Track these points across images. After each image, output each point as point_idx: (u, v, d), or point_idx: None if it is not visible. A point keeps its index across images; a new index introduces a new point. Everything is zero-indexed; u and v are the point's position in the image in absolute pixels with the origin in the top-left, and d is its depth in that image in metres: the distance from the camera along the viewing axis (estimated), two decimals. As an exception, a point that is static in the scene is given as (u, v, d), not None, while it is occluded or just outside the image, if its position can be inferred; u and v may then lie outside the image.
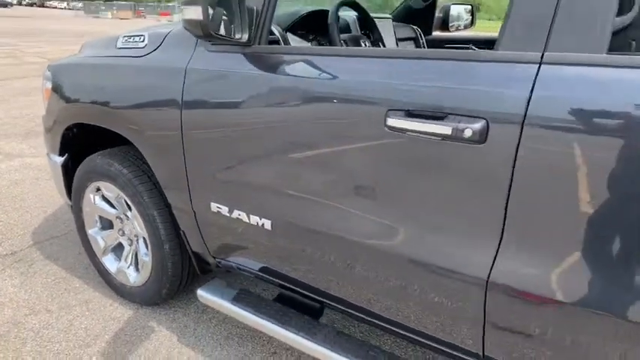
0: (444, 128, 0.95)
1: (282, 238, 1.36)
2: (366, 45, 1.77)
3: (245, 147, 1.33)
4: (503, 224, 0.96)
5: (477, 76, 0.95)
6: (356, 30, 1.87)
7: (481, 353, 1.12)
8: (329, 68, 1.17)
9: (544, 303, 0.97)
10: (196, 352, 1.70)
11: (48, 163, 2.14)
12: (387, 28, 2.01)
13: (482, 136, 0.92)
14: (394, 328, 1.27)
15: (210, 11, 1.11)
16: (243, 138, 1.32)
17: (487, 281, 1.00)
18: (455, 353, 1.18)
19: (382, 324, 1.29)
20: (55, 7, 55.46)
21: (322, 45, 1.75)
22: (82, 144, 1.96)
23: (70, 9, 53.39)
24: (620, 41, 0.98)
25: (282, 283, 1.51)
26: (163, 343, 1.73)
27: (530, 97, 0.87)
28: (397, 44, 2.08)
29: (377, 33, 1.87)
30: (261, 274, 1.54)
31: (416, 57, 1.09)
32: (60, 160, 2.00)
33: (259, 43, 1.28)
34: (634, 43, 0.97)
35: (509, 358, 1.09)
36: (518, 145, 0.89)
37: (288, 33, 1.64)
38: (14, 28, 19.67)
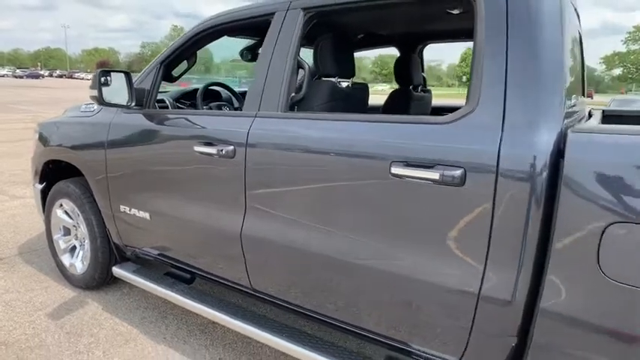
0: (214, 150, 1.80)
1: (156, 224, 2.18)
2: (227, 109, 2.70)
3: (135, 169, 2.19)
4: (245, 201, 1.77)
5: (233, 124, 1.82)
6: (237, 101, 2.82)
7: (250, 287, 1.88)
8: (180, 121, 2.05)
9: (277, 247, 1.74)
10: (112, 315, 2.45)
11: (33, 190, 3.02)
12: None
13: (232, 154, 1.76)
14: (208, 275, 2.05)
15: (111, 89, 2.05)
16: (134, 164, 2.19)
17: (241, 233, 1.79)
18: (241, 288, 1.93)
19: (205, 275, 2.08)
20: (82, 78, 60.24)
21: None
22: (54, 176, 2.85)
23: (96, 80, 58.23)
24: (292, 107, 1.85)
25: (169, 261, 2.29)
26: (91, 309, 2.49)
27: (249, 131, 1.73)
28: None
29: (241, 102, 2.82)
30: (157, 257, 2.33)
31: (214, 115, 1.99)
32: (40, 186, 2.89)
33: (148, 107, 2.19)
34: (297, 107, 1.86)
35: (273, 290, 1.84)
36: (245, 157, 1.73)
37: (177, 101, 2.59)
38: (43, 98, 21.83)
